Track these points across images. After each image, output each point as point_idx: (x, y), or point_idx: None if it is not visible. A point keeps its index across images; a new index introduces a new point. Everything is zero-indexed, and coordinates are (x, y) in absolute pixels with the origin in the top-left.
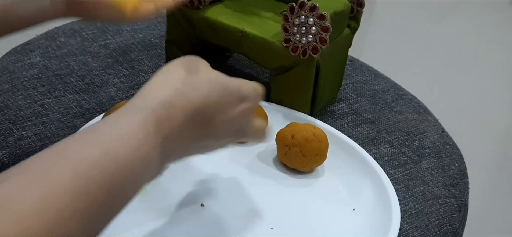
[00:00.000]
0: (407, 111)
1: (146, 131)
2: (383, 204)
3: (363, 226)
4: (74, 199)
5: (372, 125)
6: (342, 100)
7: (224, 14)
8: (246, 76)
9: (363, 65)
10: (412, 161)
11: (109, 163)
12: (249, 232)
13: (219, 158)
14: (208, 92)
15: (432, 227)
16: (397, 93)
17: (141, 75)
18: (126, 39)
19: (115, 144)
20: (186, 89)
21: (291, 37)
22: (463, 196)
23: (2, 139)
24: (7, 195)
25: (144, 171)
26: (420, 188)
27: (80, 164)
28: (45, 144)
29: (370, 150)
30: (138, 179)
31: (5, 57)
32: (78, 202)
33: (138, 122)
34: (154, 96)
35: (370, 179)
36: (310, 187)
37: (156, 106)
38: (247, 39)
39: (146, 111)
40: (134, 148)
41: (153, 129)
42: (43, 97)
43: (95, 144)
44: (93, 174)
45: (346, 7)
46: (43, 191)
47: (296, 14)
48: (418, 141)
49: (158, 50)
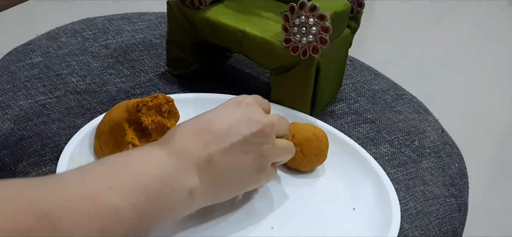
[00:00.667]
0: (407, 111)
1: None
2: (383, 204)
3: (363, 225)
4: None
5: (372, 125)
6: (342, 100)
7: (225, 14)
8: (246, 76)
9: (363, 65)
10: (412, 161)
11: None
12: (249, 232)
13: None
14: (203, 114)
15: (432, 226)
16: (397, 93)
17: (142, 75)
18: (127, 39)
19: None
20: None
21: (291, 37)
22: (463, 195)
23: (3, 139)
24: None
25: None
26: (420, 188)
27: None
28: (46, 144)
29: (370, 150)
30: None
31: (6, 57)
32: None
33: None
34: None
35: (370, 179)
36: (310, 186)
37: (163, 138)
38: (248, 39)
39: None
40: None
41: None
42: (44, 97)
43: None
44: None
45: (346, 7)
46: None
47: (297, 14)
48: (418, 141)
49: (159, 50)
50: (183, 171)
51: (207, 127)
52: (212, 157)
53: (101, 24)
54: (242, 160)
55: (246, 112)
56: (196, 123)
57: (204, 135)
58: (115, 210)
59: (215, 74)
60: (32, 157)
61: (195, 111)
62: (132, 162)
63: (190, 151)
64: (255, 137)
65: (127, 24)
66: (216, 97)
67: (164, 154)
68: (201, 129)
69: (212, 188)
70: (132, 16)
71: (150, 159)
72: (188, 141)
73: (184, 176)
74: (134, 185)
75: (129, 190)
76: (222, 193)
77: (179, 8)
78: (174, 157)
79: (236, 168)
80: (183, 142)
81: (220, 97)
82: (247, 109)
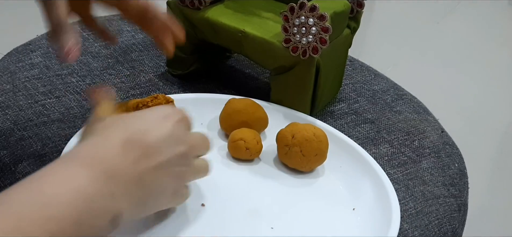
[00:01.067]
0: (407, 111)
1: (85, 172)
2: (383, 204)
3: (363, 225)
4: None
5: (372, 125)
6: (342, 100)
7: (225, 14)
8: (246, 76)
9: (363, 65)
10: (412, 161)
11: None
12: (249, 232)
13: (219, 157)
14: (132, 120)
15: (432, 226)
16: (396, 93)
17: (142, 75)
18: (126, 40)
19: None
20: (112, 125)
21: (291, 38)
22: (463, 195)
23: (3, 139)
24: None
25: (91, 214)
26: (420, 188)
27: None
28: (46, 144)
29: (370, 150)
30: (84, 223)
31: (6, 58)
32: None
33: (76, 168)
34: (86, 146)
35: (370, 179)
36: (310, 187)
37: (88, 150)
38: (247, 39)
39: (81, 157)
40: (76, 191)
41: (89, 167)
42: (44, 97)
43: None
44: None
45: (346, 7)
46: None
47: (296, 15)
48: (418, 141)
49: (159, 51)
50: (109, 196)
51: (138, 139)
52: (142, 176)
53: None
54: (163, 180)
55: (176, 129)
56: (125, 132)
57: (135, 149)
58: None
59: (215, 74)
60: (32, 157)
61: (195, 111)
62: (44, 191)
63: (120, 171)
64: (179, 158)
65: (127, 24)
66: (216, 97)
67: (89, 179)
68: (132, 142)
69: (135, 208)
70: None
71: (69, 182)
72: (117, 157)
73: (109, 202)
74: (44, 220)
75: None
76: (141, 213)
77: (179, 8)
78: (101, 182)
79: (158, 188)
80: (112, 159)
81: (220, 97)
82: (177, 127)
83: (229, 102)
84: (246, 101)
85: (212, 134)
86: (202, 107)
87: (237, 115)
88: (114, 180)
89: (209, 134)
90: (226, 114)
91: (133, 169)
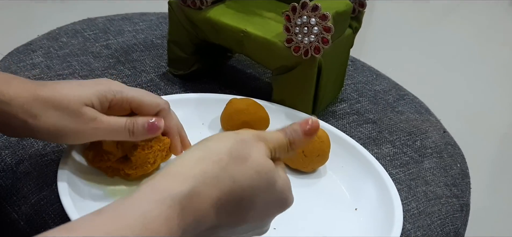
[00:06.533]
0: (409, 111)
1: (170, 226)
2: (385, 204)
3: (365, 226)
4: None
5: (374, 125)
6: (343, 101)
7: (226, 14)
8: (248, 76)
9: (365, 66)
10: (414, 161)
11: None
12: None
13: None
14: (249, 185)
15: (434, 227)
16: (398, 93)
17: (143, 75)
18: (128, 40)
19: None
20: (223, 175)
21: (293, 37)
22: (465, 196)
23: (5, 139)
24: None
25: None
26: (422, 188)
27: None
28: (47, 144)
29: (372, 150)
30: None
31: (7, 58)
32: None
33: (165, 214)
34: (185, 179)
35: (372, 179)
36: (313, 187)
37: (184, 197)
38: (249, 39)
39: (173, 200)
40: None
41: (177, 222)
42: None
43: (118, 229)
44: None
45: (348, 7)
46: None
47: (298, 14)
48: (420, 141)
49: (160, 51)
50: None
51: (241, 215)
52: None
53: (102, 24)
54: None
55: (283, 193)
56: (224, 194)
57: (232, 216)
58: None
59: (216, 74)
60: (33, 157)
61: (196, 112)
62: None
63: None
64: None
65: (128, 24)
66: (217, 97)
67: (178, 228)
68: (231, 213)
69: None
70: (133, 16)
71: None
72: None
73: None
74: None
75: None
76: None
77: (181, 8)
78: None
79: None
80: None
81: (222, 97)
82: (284, 190)
83: (230, 102)
84: (248, 101)
85: (213, 134)
86: (203, 107)
87: (238, 115)
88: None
89: (210, 134)
90: (227, 114)
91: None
